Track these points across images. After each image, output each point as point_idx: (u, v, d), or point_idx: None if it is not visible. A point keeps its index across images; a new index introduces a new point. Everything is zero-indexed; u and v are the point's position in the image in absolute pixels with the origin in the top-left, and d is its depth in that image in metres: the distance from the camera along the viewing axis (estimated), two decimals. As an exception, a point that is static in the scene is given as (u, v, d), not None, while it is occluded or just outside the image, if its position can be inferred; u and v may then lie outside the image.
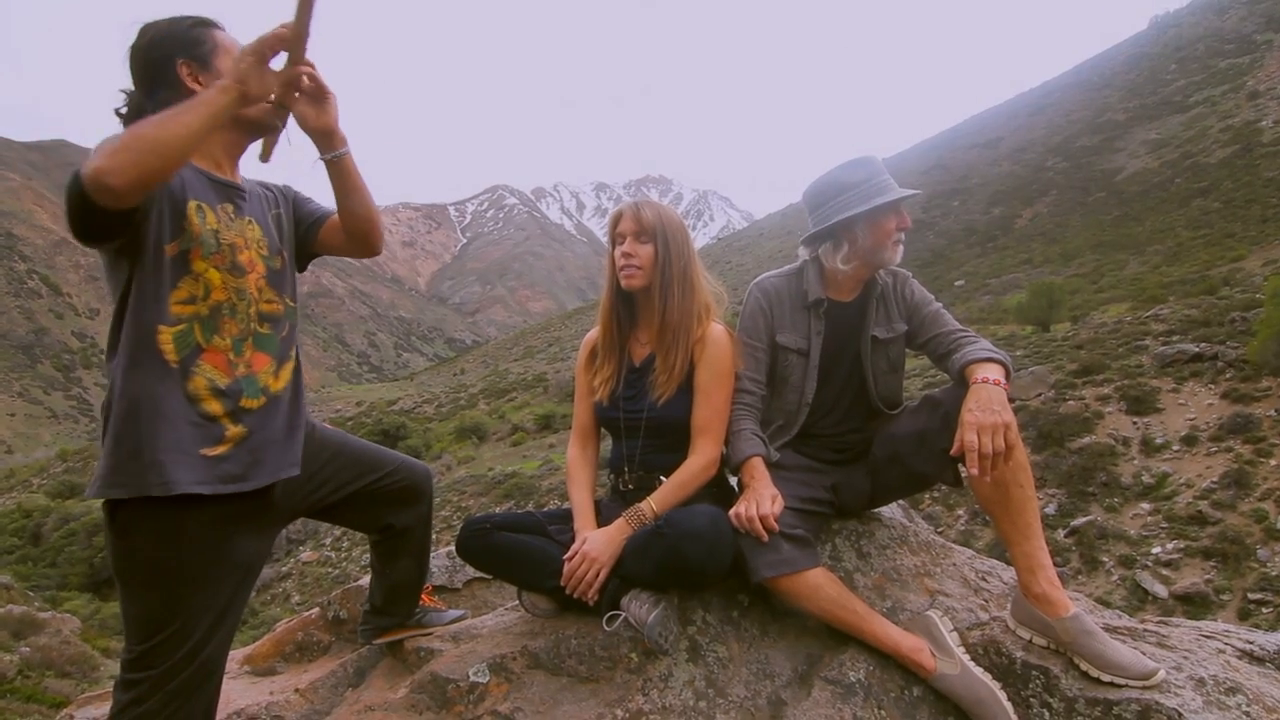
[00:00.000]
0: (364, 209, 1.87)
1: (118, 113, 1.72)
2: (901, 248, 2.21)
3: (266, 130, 1.79)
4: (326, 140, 1.75)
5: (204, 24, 1.76)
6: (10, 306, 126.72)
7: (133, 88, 1.74)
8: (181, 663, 1.64)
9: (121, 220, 1.52)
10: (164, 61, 1.70)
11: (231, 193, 1.78)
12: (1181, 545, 12.43)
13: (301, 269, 1.99)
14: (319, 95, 1.70)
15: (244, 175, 1.88)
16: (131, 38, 1.73)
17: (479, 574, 2.73)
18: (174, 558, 1.63)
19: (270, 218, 1.86)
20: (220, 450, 1.67)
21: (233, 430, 1.70)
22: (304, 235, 1.97)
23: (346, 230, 1.91)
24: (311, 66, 1.66)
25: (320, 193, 2.04)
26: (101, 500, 1.64)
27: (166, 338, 1.63)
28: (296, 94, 1.68)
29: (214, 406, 1.68)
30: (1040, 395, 16.97)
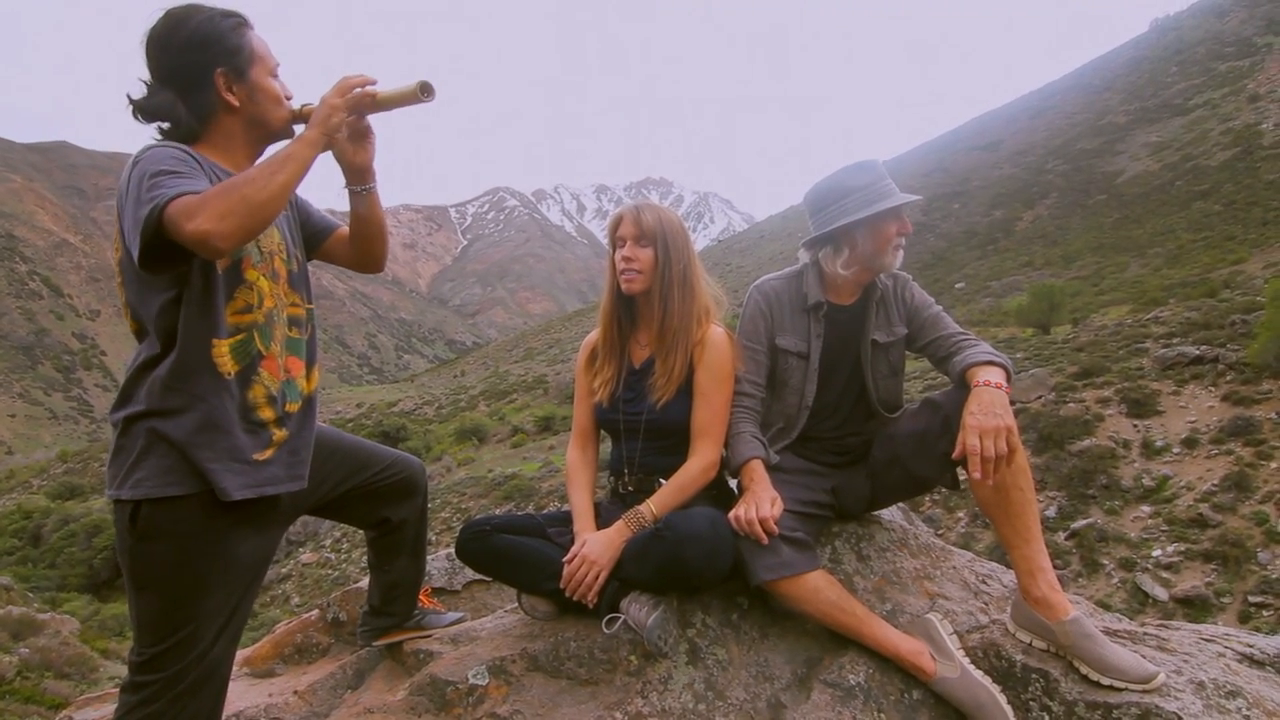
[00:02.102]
0: (379, 234, 1.95)
1: (131, 99, 1.67)
2: (901, 253, 2.22)
3: (285, 138, 1.80)
4: (360, 175, 1.83)
5: (241, 24, 1.71)
6: (11, 307, 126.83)
7: (150, 76, 1.67)
8: (191, 665, 1.64)
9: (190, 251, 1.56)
10: (202, 67, 1.66)
11: None
12: (1182, 548, 12.41)
13: None
14: (362, 135, 1.77)
15: None
16: (157, 23, 1.65)
17: (478, 576, 2.73)
18: (193, 561, 1.63)
19: (283, 220, 1.86)
20: (267, 454, 1.71)
21: (278, 435, 1.74)
22: (308, 242, 1.98)
23: (357, 250, 1.98)
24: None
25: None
26: (113, 503, 1.63)
27: (222, 350, 1.64)
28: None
29: (267, 413, 1.71)
30: (1040, 398, 16.96)
